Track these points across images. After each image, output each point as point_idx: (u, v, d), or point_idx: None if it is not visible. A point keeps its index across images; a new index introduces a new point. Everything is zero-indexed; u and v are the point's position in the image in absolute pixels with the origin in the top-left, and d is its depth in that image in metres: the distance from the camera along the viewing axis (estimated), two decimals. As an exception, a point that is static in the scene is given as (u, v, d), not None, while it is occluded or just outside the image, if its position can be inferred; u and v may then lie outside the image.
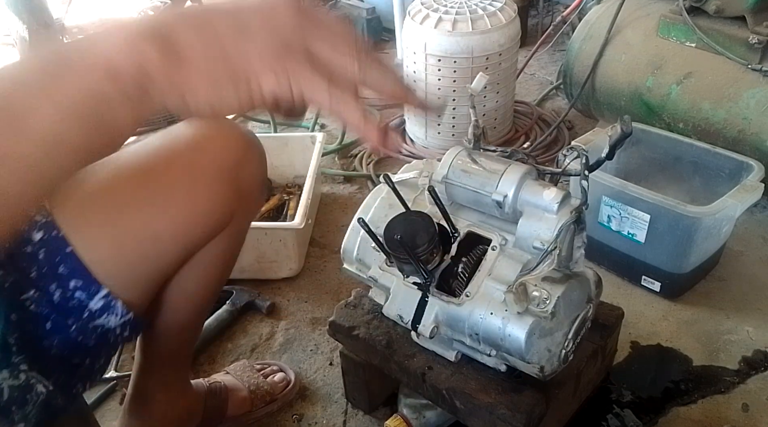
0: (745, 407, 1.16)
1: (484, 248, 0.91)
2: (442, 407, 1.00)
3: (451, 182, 0.93)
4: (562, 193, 0.86)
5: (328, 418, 1.19)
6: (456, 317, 0.90)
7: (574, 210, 0.86)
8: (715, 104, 1.57)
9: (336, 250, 1.50)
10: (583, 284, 0.91)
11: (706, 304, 1.39)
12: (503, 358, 0.91)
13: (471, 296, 0.88)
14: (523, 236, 0.88)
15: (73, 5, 2.54)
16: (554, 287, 0.85)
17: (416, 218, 0.89)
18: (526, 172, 0.89)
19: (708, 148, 1.45)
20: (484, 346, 0.90)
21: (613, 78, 1.78)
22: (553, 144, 1.94)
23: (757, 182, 1.31)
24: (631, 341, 1.30)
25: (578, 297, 0.90)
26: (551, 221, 0.86)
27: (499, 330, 0.86)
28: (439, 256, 0.91)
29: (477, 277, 0.89)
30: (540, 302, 0.84)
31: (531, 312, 0.84)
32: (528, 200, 0.88)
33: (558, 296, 0.84)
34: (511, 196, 0.88)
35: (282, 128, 2.12)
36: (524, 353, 0.85)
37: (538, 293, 0.84)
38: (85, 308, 0.75)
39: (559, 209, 0.86)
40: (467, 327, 0.89)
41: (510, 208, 0.89)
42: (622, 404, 1.18)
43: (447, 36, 1.74)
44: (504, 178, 0.88)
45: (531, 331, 0.84)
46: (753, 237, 1.57)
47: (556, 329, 0.87)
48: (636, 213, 1.33)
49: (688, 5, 1.60)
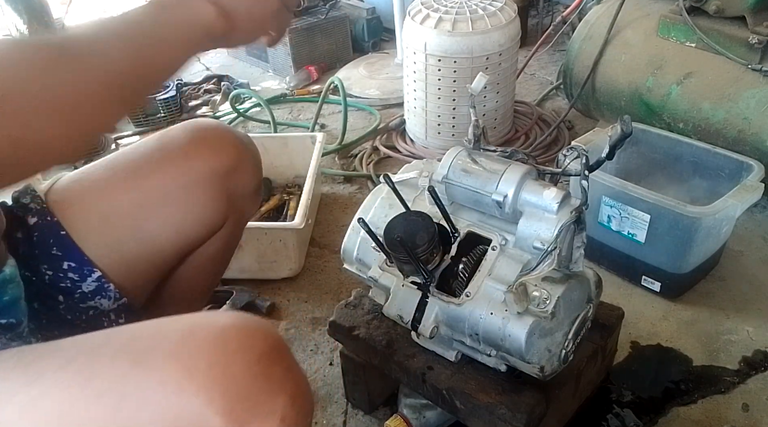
0: (745, 407, 1.16)
1: (484, 248, 0.91)
2: (442, 407, 1.00)
3: (451, 182, 0.93)
4: (563, 193, 0.86)
5: (328, 418, 1.19)
6: (456, 317, 0.90)
7: (574, 210, 0.86)
8: (715, 104, 1.57)
9: (336, 250, 1.50)
10: (583, 284, 0.91)
11: (706, 304, 1.39)
12: (503, 358, 0.91)
13: (471, 296, 0.88)
14: (524, 236, 0.88)
15: (73, 5, 2.55)
16: (554, 287, 0.85)
17: (416, 218, 0.89)
18: (526, 173, 0.89)
19: (708, 148, 1.45)
20: (484, 346, 0.90)
21: (613, 78, 1.78)
22: (553, 144, 1.94)
23: (757, 182, 1.31)
24: (631, 341, 1.30)
25: (578, 297, 0.90)
26: (551, 220, 0.86)
27: (499, 330, 0.86)
28: (439, 256, 0.91)
29: (477, 277, 0.90)
30: (540, 302, 0.84)
31: (531, 312, 0.84)
32: (528, 200, 0.88)
33: (558, 296, 0.84)
34: (511, 196, 0.88)
35: (282, 129, 2.12)
36: (524, 353, 0.85)
37: (538, 293, 0.84)
38: (77, 288, 0.76)
39: (560, 209, 0.86)
40: (467, 327, 0.89)
41: (510, 209, 0.89)
42: (622, 404, 1.18)
43: (447, 36, 1.74)
44: (504, 178, 0.89)
45: (531, 331, 0.84)
46: (753, 237, 1.57)
47: (556, 329, 0.88)
48: (636, 213, 1.33)
49: (688, 5, 1.60)
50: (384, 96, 2.27)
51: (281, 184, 1.79)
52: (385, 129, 2.07)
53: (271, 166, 1.76)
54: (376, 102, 2.26)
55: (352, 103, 2.16)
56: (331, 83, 2.08)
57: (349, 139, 2.01)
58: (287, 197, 1.73)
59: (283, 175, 1.79)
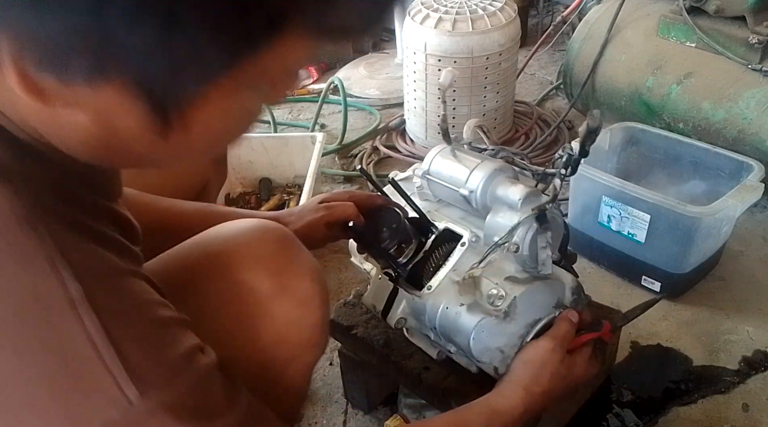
0: (745, 407, 1.16)
1: (455, 244, 0.92)
2: (438, 408, 0.99)
3: (431, 178, 0.94)
4: (527, 190, 0.85)
5: (328, 418, 1.18)
6: (418, 310, 0.90)
7: (536, 207, 0.84)
8: (715, 104, 1.57)
9: (336, 250, 1.50)
10: (554, 289, 0.89)
11: (706, 304, 1.39)
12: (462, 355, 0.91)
13: (431, 289, 0.89)
14: (489, 233, 0.88)
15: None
16: (514, 287, 0.84)
17: (385, 213, 0.92)
18: (497, 169, 0.88)
19: (708, 148, 1.45)
20: (444, 341, 0.90)
21: (613, 78, 1.78)
22: (553, 144, 1.94)
23: (757, 182, 1.31)
24: (631, 341, 1.30)
25: (543, 300, 0.88)
26: (513, 217, 0.85)
27: (452, 324, 0.85)
28: (411, 250, 0.93)
29: (441, 271, 0.90)
30: (495, 299, 0.83)
31: (482, 308, 0.83)
32: (495, 196, 0.88)
33: (515, 296, 0.83)
34: (479, 191, 0.87)
35: (282, 129, 2.12)
36: (472, 350, 0.84)
37: (495, 291, 0.83)
38: None
39: (522, 206, 0.84)
40: (428, 320, 0.89)
41: (479, 204, 0.88)
42: (622, 404, 1.18)
43: (447, 36, 1.74)
44: (474, 173, 0.88)
45: (479, 327, 0.82)
46: (753, 237, 1.56)
47: (511, 330, 0.85)
48: (636, 213, 1.32)
49: (688, 5, 1.60)
50: (384, 96, 2.27)
51: (281, 184, 1.79)
52: (385, 129, 2.07)
53: (271, 166, 1.76)
54: (376, 102, 2.26)
55: (352, 103, 2.16)
56: (331, 83, 2.08)
57: (349, 139, 2.01)
58: (287, 197, 1.73)
59: (283, 175, 1.79)
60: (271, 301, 0.70)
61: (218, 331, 0.63)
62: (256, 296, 0.70)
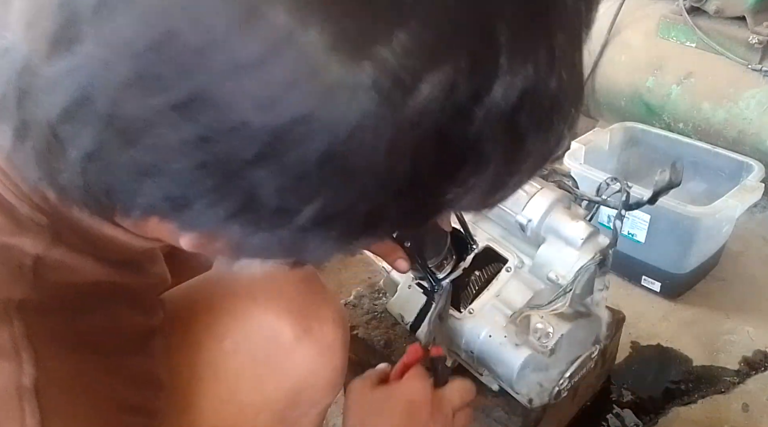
0: (745, 407, 1.16)
1: (499, 266, 0.87)
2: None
3: None
4: (590, 229, 0.80)
5: (328, 418, 1.18)
6: (454, 331, 0.86)
7: (599, 251, 0.80)
8: (715, 104, 1.57)
9: (336, 250, 1.50)
10: (593, 325, 0.86)
11: (706, 304, 1.39)
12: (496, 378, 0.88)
13: (473, 313, 0.84)
14: (540, 263, 0.83)
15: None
16: (560, 324, 0.80)
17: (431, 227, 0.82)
18: (557, 199, 0.82)
19: (708, 149, 1.45)
20: (477, 365, 0.87)
21: (613, 78, 1.78)
22: (553, 144, 1.94)
23: (757, 182, 1.31)
24: (631, 341, 1.30)
25: (584, 337, 0.85)
26: (572, 255, 0.80)
27: (494, 355, 0.82)
28: (450, 265, 0.86)
29: (484, 295, 0.85)
30: (542, 335, 0.79)
31: (529, 344, 0.80)
32: (553, 228, 0.82)
33: (562, 333, 0.79)
34: (536, 222, 0.82)
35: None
36: (514, 383, 0.82)
37: (542, 326, 0.79)
38: None
39: (583, 245, 0.80)
40: (464, 343, 0.85)
41: (533, 233, 0.83)
42: (622, 404, 1.18)
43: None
44: (533, 201, 0.82)
45: (525, 363, 0.80)
46: (753, 237, 1.56)
47: (553, 366, 0.83)
48: (636, 213, 1.32)
49: (689, 5, 1.60)
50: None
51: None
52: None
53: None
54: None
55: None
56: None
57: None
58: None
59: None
60: (294, 347, 0.67)
61: (238, 376, 0.64)
62: (279, 341, 0.67)
